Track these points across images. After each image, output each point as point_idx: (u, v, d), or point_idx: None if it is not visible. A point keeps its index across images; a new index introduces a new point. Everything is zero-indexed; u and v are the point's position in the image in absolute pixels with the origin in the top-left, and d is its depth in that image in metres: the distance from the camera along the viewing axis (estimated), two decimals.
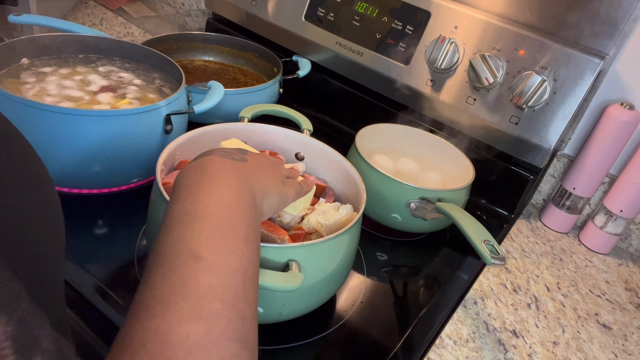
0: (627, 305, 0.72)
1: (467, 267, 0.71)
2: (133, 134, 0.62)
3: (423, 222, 0.68)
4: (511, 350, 0.58)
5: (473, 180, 0.72)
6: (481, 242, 0.54)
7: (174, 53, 0.96)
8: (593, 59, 0.70)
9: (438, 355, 0.55)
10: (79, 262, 0.55)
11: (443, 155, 0.79)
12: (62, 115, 0.57)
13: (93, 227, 0.61)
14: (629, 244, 0.85)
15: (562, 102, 0.72)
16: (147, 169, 0.66)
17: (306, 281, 0.46)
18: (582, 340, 0.63)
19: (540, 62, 0.73)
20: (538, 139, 0.75)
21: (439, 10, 0.80)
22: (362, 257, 0.67)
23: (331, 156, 0.64)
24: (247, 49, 0.99)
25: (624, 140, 0.76)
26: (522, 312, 0.65)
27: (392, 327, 0.58)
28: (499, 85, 0.76)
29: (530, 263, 0.75)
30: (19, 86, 0.65)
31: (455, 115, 0.81)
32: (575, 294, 0.71)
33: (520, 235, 0.82)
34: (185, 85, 0.71)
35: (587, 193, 0.82)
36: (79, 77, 0.71)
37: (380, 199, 0.68)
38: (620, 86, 0.78)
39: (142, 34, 1.17)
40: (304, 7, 0.93)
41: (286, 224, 0.55)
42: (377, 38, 0.86)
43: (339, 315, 0.57)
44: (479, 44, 0.77)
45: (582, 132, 0.84)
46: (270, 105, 0.76)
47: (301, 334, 0.54)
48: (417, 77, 0.83)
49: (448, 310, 0.62)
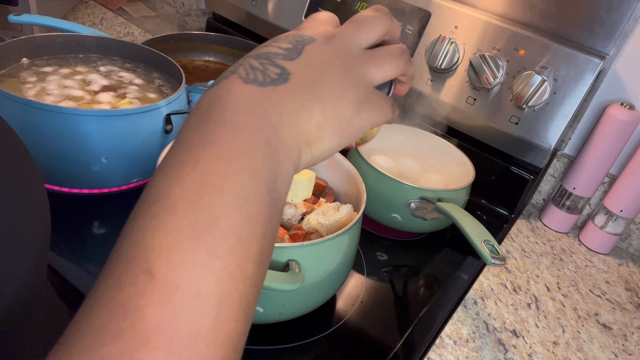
0: (627, 305, 0.72)
1: (467, 267, 0.71)
2: (133, 134, 0.62)
3: (423, 222, 0.68)
4: (511, 350, 0.58)
5: (473, 180, 0.72)
6: (481, 242, 0.54)
7: (174, 53, 0.96)
8: (593, 59, 0.70)
9: (438, 355, 0.55)
10: (79, 262, 0.55)
11: (443, 155, 0.79)
12: (62, 115, 0.57)
13: (93, 227, 0.61)
14: (629, 244, 0.85)
15: (562, 102, 0.72)
16: (147, 169, 0.66)
17: (306, 281, 0.46)
18: (582, 340, 0.63)
19: (540, 62, 0.73)
20: (538, 139, 0.75)
21: (439, 10, 0.80)
22: (362, 257, 0.67)
23: (331, 156, 0.64)
24: (247, 49, 0.99)
25: (624, 140, 0.76)
26: (522, 312, 0.65)
27: (392, 327, 0.58)
28: (499, 85, 0.76)
29: (530, 263, 0.75)
30: (19, 86, 0.65)
31: (455, 115, 0.81)
32: (575, 294, 0.71)
33: (520, 235, 0.82)
34: (185, 85, 0.71)
35: (587, 193, 0.82)
36: (79, 76, 0.71)
37: (380, 199, 0.68)
38: (620, 86, 0.78)
39: (142, 34, 1.17)
40: (304, 7, 0.92)
41: (286, 221, 0.55)
42: None
43: (339, 315, 0.57)
44: (479, 44, 0.77)
45: (582, 132, 0.84)
46: None
47: (301, 334, 0.54)
48: (417, 77, 0.83)
49: (448, 310, 0.62)
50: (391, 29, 0.33)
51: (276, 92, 0.26)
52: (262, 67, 0.27)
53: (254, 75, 0.27)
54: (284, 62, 0.28)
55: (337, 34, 0.30)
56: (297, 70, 0.28)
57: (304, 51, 0.29)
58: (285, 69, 0.27)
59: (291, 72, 0.27)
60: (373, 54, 0.31)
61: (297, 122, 0.27)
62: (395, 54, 0.32)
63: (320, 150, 0.29)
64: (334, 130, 0.29)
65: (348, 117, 0.29)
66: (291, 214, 0.55)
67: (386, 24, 0.32)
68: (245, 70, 0.27)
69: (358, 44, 0.31)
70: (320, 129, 0.28)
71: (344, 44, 0.30)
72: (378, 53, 0.32)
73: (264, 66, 0.27)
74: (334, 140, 0.29)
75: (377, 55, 0.31)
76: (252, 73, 0.27)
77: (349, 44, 0.30)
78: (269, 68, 0.27)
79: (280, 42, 0.29)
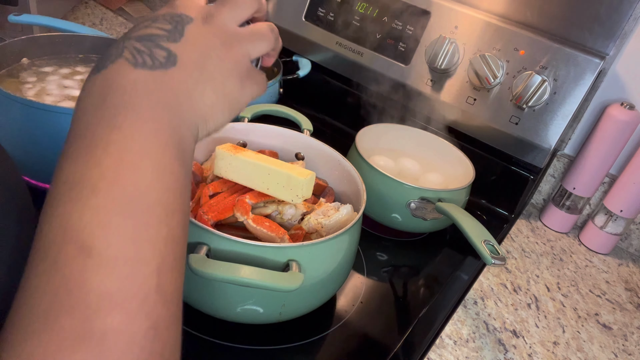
0: (627, 305, 0.72)
1: (467, 267, 0.71)
2: None
3: (423, 222, 0.68)
4: (511, 350, 0.58)
5: (473, 180, 0.72)
6: (481, 242, 0.54)
7: None
8: (593, 59, 0.70)
9: (438, 355, 0.55)
10: None
11: (443, 156, 0.79)
12: (62, 115, 0.57)
13: None
14: (629, 244, 0.85)
15: (562, 102, 0.72)
16: None
17: (306, 281, 0.46)
18: (582, 340, 0.63)
19: (540, 62, 0.73)
20: (538, 139, 0.75)
21: (439, 10, 0.80)
22: (362, 257, 0.67)
23: (331, 156, 0.64)
24: None
25: (624, 140, 0.76)
26: (522, 312, 0.65)
27: (392, 327, 0.58)
28: (499, 85, 0.76)
29: (530, 263, 0.75)
30: (19, 86, 0.65)
31: (455, 115, 0.81)
32: (575, 294, 0.71)
33: (520, 235, 0.82)
34: None
35: (587, 193, 0.82)
36: (79, 76, 0.71)
37: (380, 199, 0.68)
38: (620, 86, 0.78)
39: None
40: (304, 7, 0.93)
41: (286, 221, 0.55)
42: (377, 38, 0.86)
43: (339, 315, 0.57)
44: (479, 44, 0.77)
45: (582, 132, 0.84)
46: (270, 105, 0.76)
47: (301, 334, 0.53)
48: (417, 77, 0.83)
49: (448, 310, 0.62)
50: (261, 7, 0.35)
51: (168, 75, 0.28)
52: (148, 50, 0.28)
53: (142, 59, 0.28)
54: (168, 44, 0.29)
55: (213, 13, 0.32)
56: (183, 53, 0.29)
57: (185, 32, 0.30)
58: (171, 51, 0.29)
59: (178, 55, 0.29)
60: (249, 32, 0.33)
61: (192, 102, 0.29)
62: (267, 31, 0.34)
63: (214, 125, 0.32)
64: (224, 107, 0.31)
65: (235, 94, 0.32)
66: (291, 214, 0.55)
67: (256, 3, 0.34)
68: (131, 53, 0.28)
69: (233, 22, 0.33)
70: (213, 107, 0.31)
71: (221, 23, 0.32)
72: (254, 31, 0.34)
73: (149, 49, 0.28)
74: (225, 115, 0.32)
75: (253, 34, 0.33)
76: (139, 57, 0.28)
77: (225, 22, 0.32)
78: (154, 51, 0.28)
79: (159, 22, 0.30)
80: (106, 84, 0.27)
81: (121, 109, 0.26)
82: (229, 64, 0.31)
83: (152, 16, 0.31)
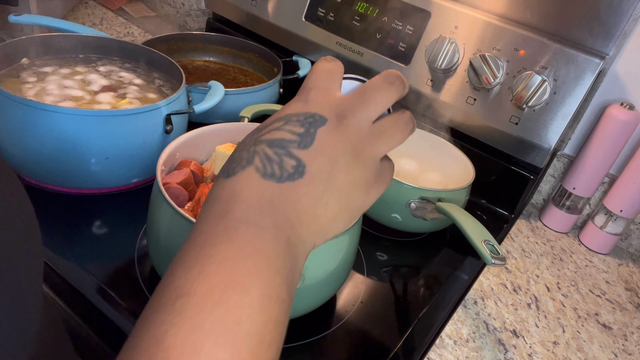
0: (627, 305, 0.72)
1: (467, 267, 0.71)
2: (133, 134, 0.62)
3: (423, 222, 0.68)
4: (511, 350, 0.58)
5: (473, 180, 0.72)
6: (481, 242, 0.54)
7: (174, 53, 0.96)
8: (593, 59, 0.70)
9: (438, 355, 0.55)
10: (79, 262, 0.55)
11: (443, 155, 0.79)
12: (62, 115, 0.57)
13: (93, 227, 0.61)
14: (629, 244, 0.85)
15: (562, 102, 0.72)
16: (147, 169, 0.66)
17: (306, 281, 0.46)
18: (582, 340, 0.63)
19: (540, 62, 0.73)
20: (538, 139, 0.75)
21: (439, 10, 0.80)
22: (362, 257, 0.67)
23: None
24: (247, 49, 0.99)
25: (624, 140, 0.76)
26: (522, 312, 0.65)
27: (392, 327, 0.58)
28: (499, 85, 0.76)
29: (530, 263, 0.75)
30: (19, 86, 0.65)
31: (455, 115, 0.81)
32: (575, 294, 0.71)
33: (520, 235, 0.82)
34: (185, 85, 0.71)
35: (587, 193, 0.82)
36: (79, 76, 0.71)
37: (380, 199, 0.68)
38: (620, 86, 0.78)
39: (142, 34, 1.17)
40: (304, 7, 0.93)
41: None
42: (377, 38, 0.86)
43: (339, 315, 0.57)
44: (479, 44, 0.77)
45: (582, 132, 0.84)
46: (270, 105, 0.76)
47: (301, 334, 0.54)
48: (417, 77, 0.83)
49: (448, 310, 0.62)
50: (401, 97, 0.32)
51: (293, 188, 0.27)
52: (278, 157, 0.28)
53: (271, 169, 0.27)
54: (298, 151, 0.28)
55: (348, 113, 0.30)
56: (312, 162, 0.28)
57: (317, 137, 0.29)
58: (301, 160, 0.28)
59: (306, 164, 0.28)
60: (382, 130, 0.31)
61: (313, 217, 0.28)
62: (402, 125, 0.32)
63: (332, 236, 0.31)
64: (346, 218, 0.30)
65: (359, 202, 0.31)
66: None
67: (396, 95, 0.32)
68: (261, 161, 0.28)
69: (368, 122, 0.31)
70: (334, 219, 0.29)
71: (355, 124, 0.30)
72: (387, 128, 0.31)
73: (279, 157, 0.28)
74: (345, 225, 0.31)
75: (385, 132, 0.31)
76: (269, 166, 0.28)
77: (360, 122, 0.30)
78: (284, 159, 0.28)
79: (292, 125, 0.29)
80: (233, 193, 0.27)
81: (242, 223, 0.25)
82: (357, 172, 0.30)
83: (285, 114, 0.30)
